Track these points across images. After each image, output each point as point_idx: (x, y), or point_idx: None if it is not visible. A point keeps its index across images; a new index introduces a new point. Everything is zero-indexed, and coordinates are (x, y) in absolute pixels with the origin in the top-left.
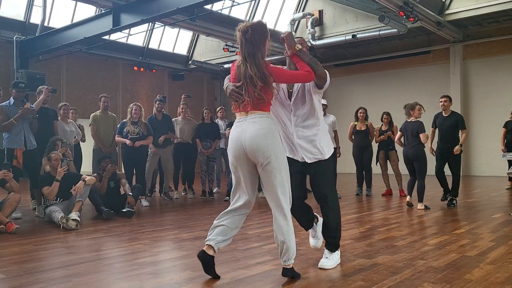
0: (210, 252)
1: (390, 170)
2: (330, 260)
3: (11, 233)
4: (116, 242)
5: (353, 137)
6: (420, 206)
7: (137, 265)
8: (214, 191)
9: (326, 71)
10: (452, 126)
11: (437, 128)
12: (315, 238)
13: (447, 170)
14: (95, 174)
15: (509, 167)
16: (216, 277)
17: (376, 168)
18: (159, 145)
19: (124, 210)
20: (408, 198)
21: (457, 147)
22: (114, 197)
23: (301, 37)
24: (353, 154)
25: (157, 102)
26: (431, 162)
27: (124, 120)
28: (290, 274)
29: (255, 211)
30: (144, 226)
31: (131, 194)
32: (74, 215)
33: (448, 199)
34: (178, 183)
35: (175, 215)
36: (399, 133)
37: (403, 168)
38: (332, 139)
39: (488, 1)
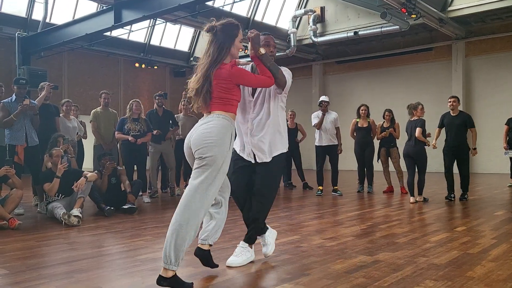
0: (206, 248)
1: (391, 167)
2: (268, 246)
3: (14, 229)
4: (117, 239)
5: (354, 134)
6: (419, 198)
7: (139, 261)
8: None
9: (287, 77)
10: (461, 125)
11: (443, 128)
12: (265, 246)
13: (454, 169)
14: (96, 171)
15: (511, 166)
16: (214, 266)
17: (377, 165)
18: (156, 140)
19: (125, 206)
20: (411, 199)
21: (473, 151)
22: (115, 194)
23: (269, 35)
24: (355, 151)
25: (157, 97)
26: (434, 160)
27: (124, 117)
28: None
29: None
30: (145, 222)
31: (130, 191)
32: (76, 211)
33: (461, 194)
34: (180, 179)
35: None
36: (418, 129)
37: (404, 165)
38: (334, 135)
39: None
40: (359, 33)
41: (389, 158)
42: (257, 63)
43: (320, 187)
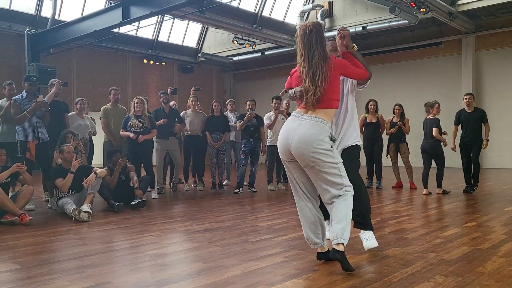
0: (340, 248)
1: (400, 163)
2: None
3: (25, 224)
4: (127, 234)
5: (363, 130)
6: (438, 190)
7: (148, 256)
8: (224, 183)
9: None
10: (477, 121)
11: (459, 124)
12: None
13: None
14: (106, 168)
15: None
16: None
17: (386, 161)
18: (163, 137)
19: (134, 202)
20: (424, 191)
21: (485, 143)
22: (124, 190)
23: (333, 40)
24: (364, 147)
25: (162, 95)
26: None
27: (128, 115)
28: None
29: (264, 204)
30: (154, 218)
31: (137, 187)
32: (86, 207)
33: (471, 185)
34: (188, 175)
35: (185, 207)
36: (435, 129)
37: (413, 161)
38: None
39: None
40: (368, 28)
41: (398, 153)
42: (349, 58)
43: None
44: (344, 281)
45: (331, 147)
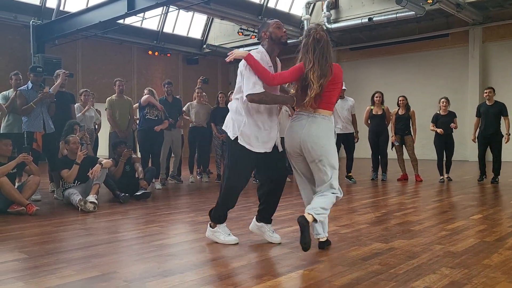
0: (309, 218)
1: (405, 155)
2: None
3: (32, 214)
4: (133, 225)
5: (369, 122)
6: (446, 175)
7: (154, 247)
8: None
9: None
10: (496, 114)
11: (480, 117)
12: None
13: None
14: (111, 159)
15: None
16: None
17: (391, 153)
18: (166, 128)
19: (139, 193)
20: (442, 177)
21: (506, 137)
22: (129, 181)
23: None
24: (369, 139)
25: (166, 86)
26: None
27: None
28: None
29: None
30: (160, 209)
31: (142, 178)
32: (91, 197)
33: (493, 176)
34: (194, 167)
35: (190, 198)
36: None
37: (418, 153)
38: (350, 123)
39: None
40: (374, 19)
41: (404, 145)
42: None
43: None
44: (350, 273)
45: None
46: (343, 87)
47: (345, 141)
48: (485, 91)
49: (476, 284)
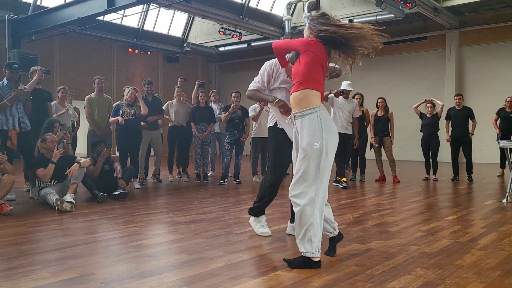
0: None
1: (383, 156)
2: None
3: (5, 214)
4: (111, 225)
5: None
6: (433, 177)
7: (133, 247)
8: (208, 175)
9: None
10: (465, 117)
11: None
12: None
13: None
14: (90, 158)
15: (500, 156)
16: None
17: (369, 154)
18: (148, 127)
19: (116, 192)
20: (427, 176)
21: (470, 136)
22: (108, 180)
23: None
24: None
25: (146, 86)
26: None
27: (119, 102)
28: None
29: (249, 195)
30: (139, 209)
31: (120, 178)
32: (69, 197)
33: (467, 176)
34: (173, 166)
35: (169, 198)
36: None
37: (396, 154)
38: (350, 124)
39: None
40: (354, 21)
41: (382, 147)
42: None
43: (344, 179)
44: (327, 274)
45: None
46: (350, 88)
47: (344, 142)
48: (455, 97)
49: (449, 284)
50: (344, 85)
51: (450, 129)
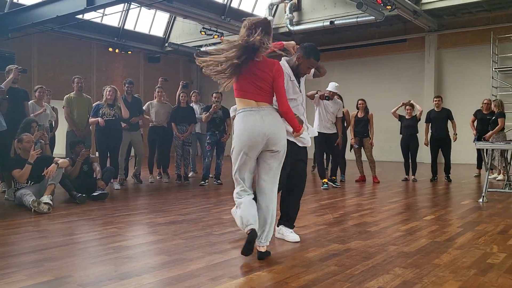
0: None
1: (364, 157)
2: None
3: None
4: (90, 226)
5: None
6: (413, 177)
7: (111, 249)
8: (189, 175)
9: None
10: (444, 118)
11: (430, 122)
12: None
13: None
14: (68, 159)
15: (477, 157)
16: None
17: (350, 154)
18: (128, 127)
19: (95, 193)
20: (407, 176)
21: (454, 137)
22: (87, 181)
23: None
24: None
25: (127, 85)
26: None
27: (99, 102)
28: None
29: (229, 196)
30: (118, 210)
31: (99, 178)
32: (46, 198)
33: (445, 176)
34: (153, 167)
35: (150, 199)
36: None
37: (376, 155)
38: (333, 124)
39: None
40: (335, 22)
41: (362, 147)
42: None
43: (325, 180)
44: (307, 274)
45: None
46: (336, 91)
47: (328, 142)
48: (434, 99)
49: (426, 283)
50: (331, 86)
51: (430, 131)
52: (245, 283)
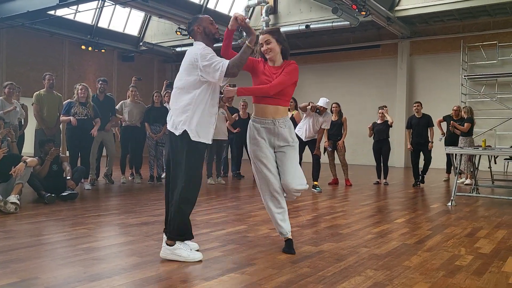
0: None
1: (336, 160)
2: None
3: None
4: (59, 227)
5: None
6: (384, 181)
7: (81, 250)
8: (162, 176)
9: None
10: (424, 125)
11: (411, 128)
12: None
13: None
14: (37, 157)
15: (447, 161)
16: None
17: (323, 157)
18: (101, 128)
19: (65, 193)
20: (378, 180)
21: (430, 145)
22: (56, 181)
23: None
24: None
25: (100, 82)
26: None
27: (70, 100)
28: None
29: (203, 198)
30: (89, 210)
31: (69, 178)
32: (13, 198)
33: (420, 177)
34: (125, 167)
35: (121, 200)
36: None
37: (348, 158)
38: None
39: (435, 0)
40: (311, 26)
41: (336, 151)
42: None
43: (315, 182)
44: (280, 276)
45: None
46: (326, 107)
47: (310, 145)
48: (414, 105)
49: (396, 284)
50: (322, 102)
51: (411, 137)
52: (218, 285)
